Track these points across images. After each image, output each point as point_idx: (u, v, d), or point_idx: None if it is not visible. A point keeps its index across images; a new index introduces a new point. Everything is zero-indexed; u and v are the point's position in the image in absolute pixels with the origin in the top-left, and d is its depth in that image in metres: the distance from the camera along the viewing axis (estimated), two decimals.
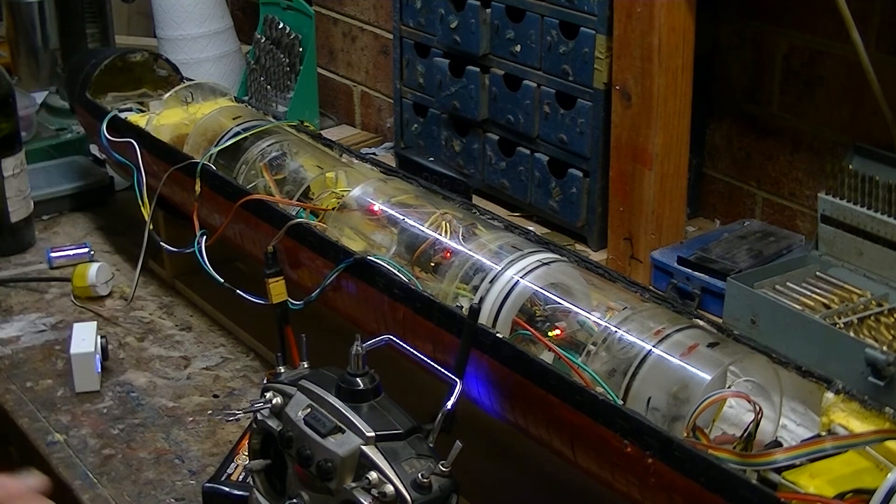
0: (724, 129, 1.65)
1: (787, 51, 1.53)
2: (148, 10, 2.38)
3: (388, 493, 0.81)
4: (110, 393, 1.32)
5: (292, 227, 1.20)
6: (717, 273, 1.45)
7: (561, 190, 1.66)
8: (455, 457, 0.84)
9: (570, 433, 0.93)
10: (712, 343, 0.94)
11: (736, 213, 1.66)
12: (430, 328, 1.04)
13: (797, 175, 1.57)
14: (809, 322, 1.29)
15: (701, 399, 0.89)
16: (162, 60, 1.72)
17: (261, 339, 1.40)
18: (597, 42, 1.55)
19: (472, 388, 1.01)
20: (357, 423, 0.85)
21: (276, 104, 2.14)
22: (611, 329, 0.98)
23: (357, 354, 0.88)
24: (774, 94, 1.57)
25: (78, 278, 1.52)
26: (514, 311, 1.04)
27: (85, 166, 1.86)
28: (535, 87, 1.66)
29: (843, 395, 0.88)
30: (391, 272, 1.10)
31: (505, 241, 1.12)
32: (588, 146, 1.61)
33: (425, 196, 1.24)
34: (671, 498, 0.85)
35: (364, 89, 2.20)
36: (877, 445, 0.82)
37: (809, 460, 0.82)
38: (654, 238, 1.55)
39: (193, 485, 1.16)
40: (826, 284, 1.39)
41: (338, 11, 2.20)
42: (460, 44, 1.76)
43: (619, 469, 0.89)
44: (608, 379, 0.95)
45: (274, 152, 1.39)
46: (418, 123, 1.94)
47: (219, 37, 2.26)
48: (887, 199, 1.35)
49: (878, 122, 1.40)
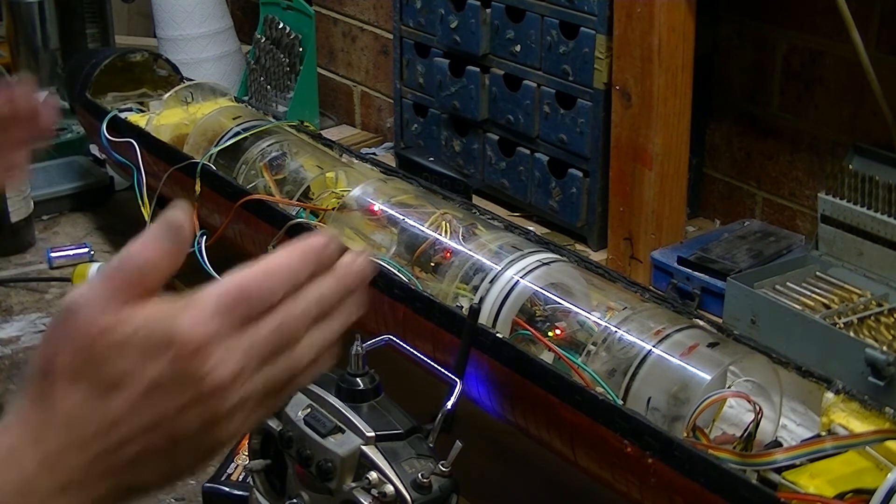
0: (724, 129, 1.65)
1: (787, 51, 1.53)
2: (148, 10, 2.38)
3: (388, 493, 0.81)
4: None
5: (292, 227, 1.20)
6: (717, 273, 1.45)
7: (561, 190, 1.66)
8: (455, 457, 0.84)
9: (570, 433, 0.93)
10: (712, 343, 0.94)
11: (736, 213, 1.66)
12: (430, 328, 1.04)
13: (797, 175, 1.57)
14: (809, 322, 1.29)
15: (701, 399, 0.89)
16: (162, 60, 1.72)
17: None
18: (597, 42, 1.55)
19: (472, 388, 1.01)
20: (357, 423, 0.85)
21: (276, 104, 2.14)
22: (611, 329, 0.98)
23: (357, 354, 0.88)
24: (774, 94, 1.57)
25: (78, 278, 1.52)
26: (514, 311, 1.04)
27: (85, 166, 1.86)
28: (535, 87, 1.66)
29: (843, 395, 0.88)
30: (391, 272, 1.10)
31: (505, 241, 1.12)
32: (588, 146, 1.61)
33: (425, 196, 1.24)
34: (671, 498, 0.85)
35: (364, 89, 2.20)
36: (877, 445, 0.82)
37: (809, 460, 0.82)
38: (654, 238, 1.55)
39: (193, 485, 1.15)
40: (826, 284, 1.39)
41: (338, 11, 2.20)
42: (460, 44, 1.76)
43: (619, 469, 0.89)
44: (608, 379, 0.95)
45: (274, 152, 1.39)
46: (418, 123, 1.94)
47: (219, 37, 2.26)
48: (887, 199, 1.35)
49: (878, 122, 1.40)
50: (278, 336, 0.62)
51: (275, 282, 0.62)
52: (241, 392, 0.60)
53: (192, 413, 0.59)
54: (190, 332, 0.58)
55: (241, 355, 0.60)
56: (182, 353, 0.58)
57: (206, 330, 0.59)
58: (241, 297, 0.60)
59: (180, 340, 0.58)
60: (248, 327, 0.60)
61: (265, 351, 0.61)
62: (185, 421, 0.59)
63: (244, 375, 0.60)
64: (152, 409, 0.58)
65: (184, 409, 0.59)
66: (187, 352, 0.58)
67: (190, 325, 0.58)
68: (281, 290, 0.62)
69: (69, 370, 0.58)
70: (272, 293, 0.61)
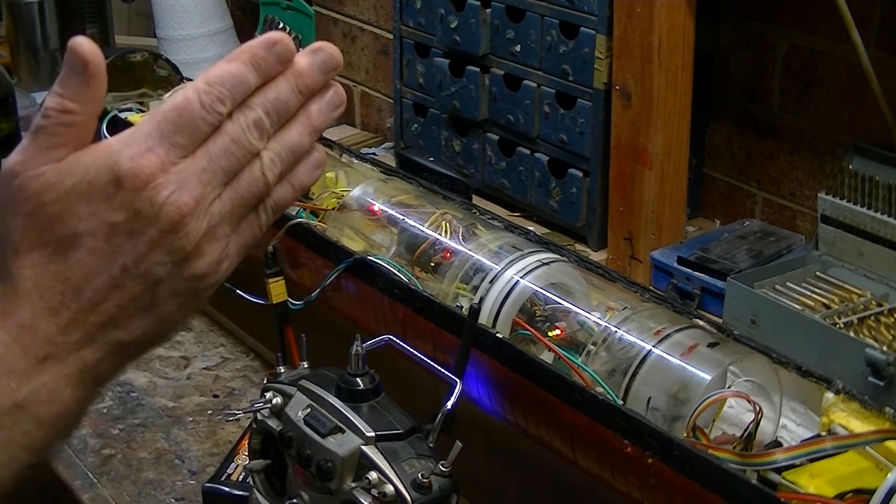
0: (724, 129, 1.65)
1: (787, 51, 1.53)
2: (148, 10, 2.38)
3: (388, 493, 0.81)
4: (110, 393, 1.32)
5: (292, 227, 1.20)
6: (717, 273, 1.45)
7: (561, 190, 1.66)
8: (455, 457, 0.84)
9: (570, 433, 0.93)
10: (712, 343, 0.94)
11: (736, 213, 1.65)
12: (430, 328, 1.04)
13: (797, 175, 1.57)
14: (809, 322, 1.29)
15: (701, 399, 0.89)
16: (162, 60, 1.72)
17: (261, 339, 1.40)
18: (597, 42, 1.55)
19: (472, 388, 1.01)
20: (357, 423, 0.85)
21: None
22: (611, 329, 0.98)
23: (357, 354, 0.88)
24: (774, 94, 1.57)
25: None
26: (514, 311, 1.04)
27: None
28: (535, 87, 1.66)
29: (843, 395, 0.88)
30: (391, 272, 1.10)
31: (505, 241, 1.12)
32: (588, 146, 1.61)
33: (425, 196, 1.24)
34: (671, 498, 0.85)
35: (364, 89, 2.20)
36: (877, 445, 0.82)
37: (809, 460, 0.82)
38: (654, 238, 1.55)
39: (193, 485, 1.16)
40: (826, 284, 1.39)
41: (338, 11, 2.20)
42: (460, 44, 1.76)
43: (619, 469, 0.89)
44: (608, 379, 0.95)
45: None
46: (418, 123, 1.94)
47: (219, 37, 2.26)
48: (887, 199, 1.35)
49: (878, 122, 1.40)
50: (233, 151, 0.57)
51: (217, 94, 0.56)
52: (206, 219, 0.56)
53: (158, 251, 0.55)
54: (135, 167, 0.54)
55: (195, 180, 0.56)
56: (132, 190, 0.54)
57: (151, 160, 0.55)
58: (183, 119, 0.56)
59: (127, 177, 0.54)
60: (198, 149, 0.56)
61: (221, 170, 0.56)
62: (154, 262, 0.55)
63: (204, 201, 0.56)
64: (116, 257, 0.55)
65: (149, 249, 0.55)
66: (137, 187, 0.54)
67: (134, 158, 0.55)
68: (227, 101, 0.57)
69: (22, 238, 0.55)
70: (216, 107, 0.56)
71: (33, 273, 0.55)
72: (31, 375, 0.54)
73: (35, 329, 0.55)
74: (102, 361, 0.57)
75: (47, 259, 0.55)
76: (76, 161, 0.55)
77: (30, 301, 0.55)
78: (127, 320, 0.56)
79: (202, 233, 0.56)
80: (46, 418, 0.55)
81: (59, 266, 0.55)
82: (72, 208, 0.54)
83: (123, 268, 0.55)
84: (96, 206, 0.54)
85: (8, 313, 0.55)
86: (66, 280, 0.55)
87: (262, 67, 0.58)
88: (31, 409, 0.54)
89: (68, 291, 0.55)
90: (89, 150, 0.56)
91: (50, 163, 0.55)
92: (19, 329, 0.54)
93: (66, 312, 0.55)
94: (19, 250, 0.55)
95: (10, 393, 0.54)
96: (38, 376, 0.55)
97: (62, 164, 0.55)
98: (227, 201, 0.57)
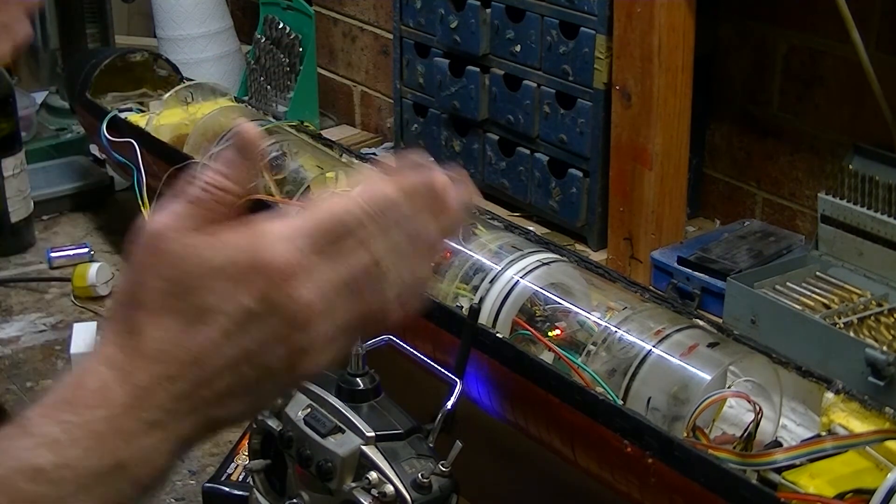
0: (724, 129, 1.65)
1: (787, 51, 1.53)
2: (148, 10, 2.38)
3: (388, 493, 0.81)
4: None
5: None
6: (717, 273, 1.45)
7: (561, 190, 1.66)
8: (455, 457, 0.84)
9: (570, 433, 0.93)
10: (712, 343, 0.94)
11: (736, 213, 1.65)
12: (430, 328, 1.04)
13: (797, 175, 1.57)
14: (809, 322, 1.29)
15: (701, 399, 0.89)
16: (162, 60, 1.72)
17: None
18: (597, 42, 1.55)
19: (472, 388, 1.01)
20: (357, 423, 0.85)
21: (276, 104, 2.14)
22: (611, 329, 0.98)
23: (357, 354, 0.88)
24: (774, 94, 1.57)
25: (78, 278, 1.52)
26: (515, 311, 1.04)
27: (85, 166, 1.86)
28: (535, 87, 1.66)
29: (843, 395, 0.88)
30: None
31: (505, 241, 1.12)
32: (588, 146, 1.61)
33: None
34: (671, 498, 0.85)
35: (364, 89, 2.20)
36: (877, 445, 0.82)
37: (809, 460, 0.82)
38: (654, 238, 1.55)
39: (193, 485, 1.15)
40: (826, 284, 1.39)
41: (338, 11, 2.20)
42: (460, 44, 1.76)
43: (619, 469, 0.89)
44: (608, 379, 0.95)
45: (274, 152, 1.39)
46: (418, 123, 1.94)
47: (219, 37, 2.26)
48: (887, 199, 1.35)
49: (878, 122, 1.40)
50: (372, 272, 0.58)
51: (375, 214, 0.58)
52: (329, 324, 0.57)
53: (280, 345, 0.56)
54: (282, 260, 0.55)
55: (331, 288, 0.56)
56: (273, 281, 0.55)
57: (299, 259, 0.55)
58: (337, 229, 0.57)
59: (272, 268, 0.55)
60: (340, 259, 0.57)
61: (356, 284, 0.58)
62: (274, 353, 0.56)
63: (334, 307, 0.57)
64: (242, 341, 0.55)
65: (273, 341, 0.56)
66: (279, 280, 0.55)
67: (282, 252, 0.55)
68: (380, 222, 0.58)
69: (157, 301, 0.55)
70: (370, 226, 0.58)
71: (159, 337, 0.55)
72: (138, 438, 0.55)
73: (151, 394, 0.55)
74: (198, 433, 0.58)
75: (177, 327, 0.55)
76: (227, 240, 0.56)
77: (150, 364, 0.55)
78: (231, 400, 0.57)
79: (322, 336, 0.57)
80: (142, 480, 0.56)
81: (186, 337, 0.55)
82: (212, 284, 0.55)
83: (245, 352, 0.56)
84: (235, 288, 0.55)
85: (129, 376, 0.55)
86: (189, 351, 0.55)
87: (418, 203, 0.60)
88: (130, 469, 0.55)
89: (188, 363, 0.55)
90: (240, 232, 0.56)
91: (200, 230, 0.56)
92: (137, 392, 0.55)
93: (181, 383, 0.55)
94: (150, 311, 0.55)
95: (116, 453, 0.55)
96: (143, 440, 0.55)
97: (213, 239, 0.56)
98: (350, 311, 0.58)
